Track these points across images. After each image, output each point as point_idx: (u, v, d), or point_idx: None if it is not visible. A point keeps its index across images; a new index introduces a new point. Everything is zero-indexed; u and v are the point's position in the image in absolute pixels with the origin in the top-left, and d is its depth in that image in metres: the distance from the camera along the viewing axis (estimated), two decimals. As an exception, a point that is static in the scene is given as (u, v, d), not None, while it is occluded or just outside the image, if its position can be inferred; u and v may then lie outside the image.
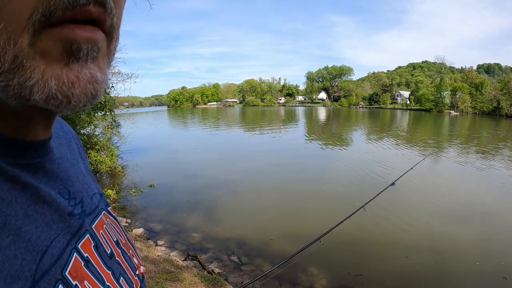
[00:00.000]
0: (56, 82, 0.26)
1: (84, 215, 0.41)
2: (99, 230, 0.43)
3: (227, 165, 13.77)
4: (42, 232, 0.31)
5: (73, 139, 0.52)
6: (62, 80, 0.26)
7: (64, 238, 0.34)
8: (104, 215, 0.48)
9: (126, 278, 0.44)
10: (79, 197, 0.42)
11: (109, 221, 0.49)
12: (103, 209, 0.49)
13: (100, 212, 0.47)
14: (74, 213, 0.38)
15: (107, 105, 10.02)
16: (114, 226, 0.49)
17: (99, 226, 0.44)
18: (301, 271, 5.33)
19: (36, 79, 0.25)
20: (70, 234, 0.36)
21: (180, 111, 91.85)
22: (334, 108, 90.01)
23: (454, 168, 13.02)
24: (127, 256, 0.48)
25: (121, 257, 0.45)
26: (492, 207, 8.18)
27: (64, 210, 0.36)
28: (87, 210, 0.42)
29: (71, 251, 0.34)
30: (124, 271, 0.44)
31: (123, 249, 0.48)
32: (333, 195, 9.47)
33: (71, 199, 0.39)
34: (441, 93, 66.23)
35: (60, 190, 0.38)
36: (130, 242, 0.52)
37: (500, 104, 53.65)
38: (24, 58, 0.25)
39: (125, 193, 9.04)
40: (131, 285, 0.45)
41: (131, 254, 0.50)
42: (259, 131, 29.07)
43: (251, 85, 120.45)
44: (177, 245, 6.13)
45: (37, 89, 0.25)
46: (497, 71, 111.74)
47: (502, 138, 23.71)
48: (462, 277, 5.13)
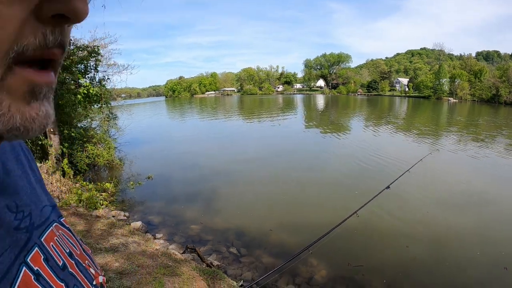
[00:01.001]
0: (21, 117, 0.28)
1: (32, 228, 0.41)
2: (49, 243, 0.43)
3: (226, 155, 13.74)
4: None
5: (22, 151, 0.50)
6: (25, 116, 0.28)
7: (12, 253, 0.34)
8: (55, 227, 0.47)
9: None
10: (27, 210, 0.41)
11: (62, 232, 0.49)
12: (55, 221, 0.48)
13: (51, 224, 0.46)
14: (21, 227, 0.38)
15: (103, 98, 9.90)
16: (67, 237, 0.49)
17: (49, 239, 0.44)
18: (300, 262, 5.32)
19: (3, 112, 0.27)
20: (18, 248, 0.36)
21: (178, 101, 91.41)
22: (333, 96, 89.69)
23: (453, 156, 13.02)
24: (82, 267, 0.48)
25: (75, 268, 0.45)
26: (492, 196, 8.18)
27: (10, 225, 0.36)
28: (36, 222, 0.42)
29: (19, 265, 0.34)
30: (79, 282, 0.45)
31: (77, 260, 0.47)
32: (333, 184, 9.47)
33: (18, 212, 0.39)
34: (439, 80, 65.91)
35: (7, 203, 0.38)
36: (86, 253, 0.52)
37: (499, 91, 53.42)
38: None
39: (123, 186, 9.01)
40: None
41: (87, 264, 0.50)
42: (257, 120, 28.97)
43: (249, 74, 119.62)
44: (176, 238, 6.12)
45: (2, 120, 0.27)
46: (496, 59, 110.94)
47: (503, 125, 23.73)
48: (463, 266, 5.14)
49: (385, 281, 4.73)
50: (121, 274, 3.48)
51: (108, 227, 5.24)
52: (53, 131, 8.15)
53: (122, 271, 3.55)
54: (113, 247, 4.28)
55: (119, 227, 5.41)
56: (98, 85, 9.81)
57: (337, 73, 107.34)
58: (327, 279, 4.84)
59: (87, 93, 8.56)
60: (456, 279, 4.81)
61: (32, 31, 0.27)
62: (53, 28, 0.28)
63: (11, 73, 0.27)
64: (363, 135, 18.51)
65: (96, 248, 4.13)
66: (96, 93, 9.21)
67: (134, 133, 16.63)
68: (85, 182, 8.12)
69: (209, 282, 3.91)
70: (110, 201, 7.64)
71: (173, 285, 3.48)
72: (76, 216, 5.66)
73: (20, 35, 0.26)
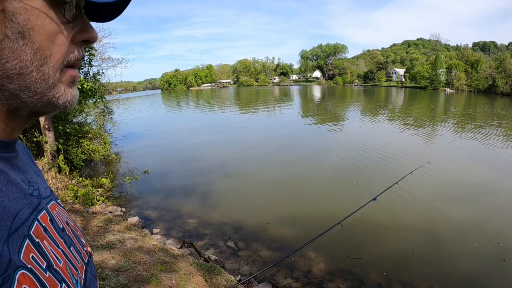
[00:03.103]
0: (70, 94, 0.49)
1: (41, 198, 0.52)
2: (52, 210, 0.55)
3: (222, 148, 13.71)
4: (13, 203, 0.42)
5: (24, 149, 0.62)
6: (72, 94, 0.49)
7: (28, 210, 0.45)
8: (55, 203, 0.58)
9: (76, 249, 0.56)
10: (36, 186, 0.53)
11: (59, 208, 0.60)
12: (53, 199, 0.59)
13: (52, 200, 0.57)
14: (34, 194, 0.50)
15: (97, 92, 9.79)
16: (63, 213, 0.61)
17: (53, 207, 0.55)
18: (298, 255, 5.33)
19: (62, 93, 0.47)
20: (32, 208, 0.47)
21: (174, 94, 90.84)
22: (329, 86, 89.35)
23: (450, 146, 13.04)
24: (76, 235, 0.60)
25: (71, 233, 0.57)
26: (490, 187, 8.19)
27: (26, 191, 0.48)
28: (43, 195, 0.54)
29: (33, 219, 0.46)
30: (74, 243, 0.56)
31: (72, 229, 0.59)
32: (331, 176, 9.47)
33: (30, 185, 0.50)
34: (436, 70, 65.69)
35: (22, 179, 0.49)
36: (78, 228, 0.64)
37: (495, 82, 53.34)
38: (57, 82, 0.46)
39: (120, 181, 8.96)
40: (80, 255, 0.56)
41: (79, 234, 0.62)
42: (254, 112, 28.86)
43: (245, 65, 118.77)
44: (173, 233, 6.11)
45: (61, 97, 0.47)
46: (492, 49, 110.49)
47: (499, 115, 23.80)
48: (461, 258, 5.15)
49: (385, 273, 4.74)
50: (118, 272, 3.46)
51: (104, 223, 5.21)
52: (48, 128, 8.06)
53: (119, 268, 3.53)
54: (109, 243, 4.26)
55: (116, 223, 5.39)
56: (93, 79, 9.70)
57: (333, 63, 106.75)
58: (326, 272, 4.85)
59: (81, 88, 8.45)
60: (455, 271, 4.83)
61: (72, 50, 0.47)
62: (80, 47, 0.49)
63: (64, 72, 0.47)
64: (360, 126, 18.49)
65: (93, 246, 4.10)
66: (91, 88, 9.11)
67: (130, 127, 16.55)
68: (81, 178, 8.07)
69: (206, 277, 3.90)
70: (106, 196, 7.60)
71: (171, 281, 3.47)
72: (73, 213, 5.63)
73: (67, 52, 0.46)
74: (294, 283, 4.62)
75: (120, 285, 3.16)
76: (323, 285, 4.58)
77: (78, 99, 0.51)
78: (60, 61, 0.46)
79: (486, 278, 4.65)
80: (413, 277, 4.68)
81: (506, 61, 54.17)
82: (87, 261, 0.59)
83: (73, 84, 0.49)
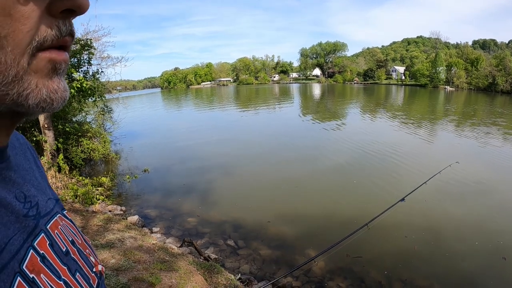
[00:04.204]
0: (46, 89, 0.35)
1: (39, 217, 0.44)
2: (53, 230, 0.47)
3: (222, 147, 13.69)
4: (1, 231, 0.35)
5: (28, 149, 0.56)
6: (49, 88, 0.36)
7: (21, 237, 0.38)
8: (59, 217, 0.51)
9: (82, 274, 0.48)
10: (35, 200, 0.45)
11: (65, 223, 0.52)
12: (58, 213, 0.52)
13: (55, 215, 0.50)
14: (29, 215, 0.42)
15: (97, 91, 9.78)
16: (69, 228, 0.53)
17: (54, 227, 0.47)
18: (298, 253, 5.34)
19: (32, 89, 0.34)
20: (26, 233, 0.39)
21: (173, 92, 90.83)
22: (329, 84, 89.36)
23: (450, 143, 13.04)
24: (83, 255, 0.52)
25: (76, 255, 0.49)
26: (490, 186, 8.19)
27: (19, 212, 0.40)
28: (42, 212, 0.46)
29: (27, 248, 0.38)
30: (80, 268, 0.48)
31: (79, 248, 0.52)
32: (330, 174, 9.46)
33: (26, 202, 0.43)
34: (436, 68, 65.73)
35: (16, 194, 0.41)
36: (87, 243, 0.57)
37: (495, 80, 53.32)
38: (24, 73, 0.33)
39: (120, 180, 8.96)
40: (87, 280, 0.49)
41: (87, 253, 0.54)
42: (253, 110, 28.86)
43: (245, 64, 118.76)
44: (173, 231, 6.10)
45: (32, 96, 0.34)
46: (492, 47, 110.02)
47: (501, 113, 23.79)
48: (462, 256, 5.15)
49: (385, 272, 4.74)
50: (118, 271, 3.46)
51: (104, 222, 5.21)
52: (48, 127, 8.05)
53: (119, 268, 3.53)
54: (109, 243, 4.25)
55: (116, 222, 5.38)
56: (92, 78, 9.69)
57: (333, 61, 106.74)
58: (326, 270, 4.85)
59: (80, 87, 8.44)
60: (456, 269, 4.83)
61: (48, 25, 0.34)
62: (64, 21, 0.36)
63: (36, 58, 0.34)
64: (360, 125, 18.50)
65: (93, 245, 4.09)
66: (90, 86, 9.10)
67: (129, 126, 16.52)
68: (81, 177, 8.06)
69: (206, 276, 3.89)
70: (106, 195, 7.60)
71: (170, 280, 3.47)
72: (72, 212, 5.62)
73: (38, 29, 0.33)
74: (294, 281, 4.62)
75: (120, 284, 3.15)
76: (323, 283, 4.57)
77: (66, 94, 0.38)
78: (26, 43, 0.32)
79: (486, 277, 4.65)
80: (413, 275, 4.68)
81: (506, 59, 54.17)
82: (96, 285, 0.52)
83: (54, 74, 0.36)
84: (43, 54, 0.35)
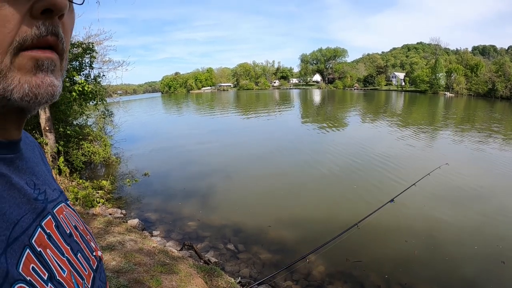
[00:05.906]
0: (28, 85, 0.38)
1: (46, 202, 0.49)
2: (59, 215, 0.51)
3: (223, 151, 13.71)
4: (14, 210, 0.40)
5: (36, 147, 0.60)
6: (31, 84, 0.39)
7: (31, 217, 0.43)
8: (63, 205, 0.55)
9: (84, 255, 0.52)
10: (43, 188, 0.50)
11: (68, 211, 0.57)
12: (63, 201, 0.56)
13: (60, 203, 0.54)
14: (39, 199, 0.47)
15: (98, 95, 9.82)
16: (72, 215, 0.57)
17: (59, 212, 0.52)
18: (298, 257, 5.33)
19: (15, 84, 0.38)
20: (35, 214, 0.44)
21: (174, 97, 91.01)
22: (329, 90, 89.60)
23: (449, 148, 13.05)
24: (85, 239, 0.56)
25: (79, 238, 0.54)
26: (489, 191, 8.19)
27: (30, 196, 0.45)
28: (49, 198, 0.51)
29: (36, 226, 0.43)
30: (82, 250, 0.53)
31: (81, 233, 0.56)
32: (330, 180, 9.46)
33: (36, 189, 0.48)
34: (436, 74, 65.94)
35: (27, 181, 0.46)
36: (88, 230, 0.61)
37: (495, 86, 53.49)
38: (7, 71, 0.37)
39: (120, 183, 8.97)
40: (88, 261, 0.53)
41: (88, 238, 0.58)
42: (254, 115, 28.90)
43: (245, 69, 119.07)
44: (173, 235, 6.11)
45: (16, 91, 0.38)
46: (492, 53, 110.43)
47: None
48: (461, 261, 5.16)
49: (385, 276, 4.74)
50: (118, 273, 3.47)
51: (104, 225, 5.21)
52: (49, 129, 8.08)
53: (119, 270, 3.53)
54: (110, 245, 4.26)
55: (116, 225, 5.38)
56: (93, 82, 9.74)
57: (333, 67, 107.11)
58: (325, 274, 4.85)
59: (82, 90, 8.49)
60: (455, 273, 4.83)
61: (29, 26, 0.37)
62: (44, 21, 0.38)
63: (18, 56, 0.37)
64: (358, 131, 18.54)
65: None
66: (91, 90, 9.15)
67: (130, 130, 16.56)
68: (81, 180, 8.07)
69: (206, 279, 3.90)
70: (106, 198, 7.61)
71: (171, 283, 3.47)
72: (73, 214, 5.62)
73: (19, 29, 0.36)
74: (294, 285, 4.61)
75: (120, 286, 3.16)
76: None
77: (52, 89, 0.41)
78: (7, 43, 0.36)
79: (486, 281, 4.65)
80: (413, 280, 4.68)
81: (505, 65, 54.40)
82: (95, 267, 0.56)
83: (38, 70, 0.39)
84: (25, 53, 0.38)
